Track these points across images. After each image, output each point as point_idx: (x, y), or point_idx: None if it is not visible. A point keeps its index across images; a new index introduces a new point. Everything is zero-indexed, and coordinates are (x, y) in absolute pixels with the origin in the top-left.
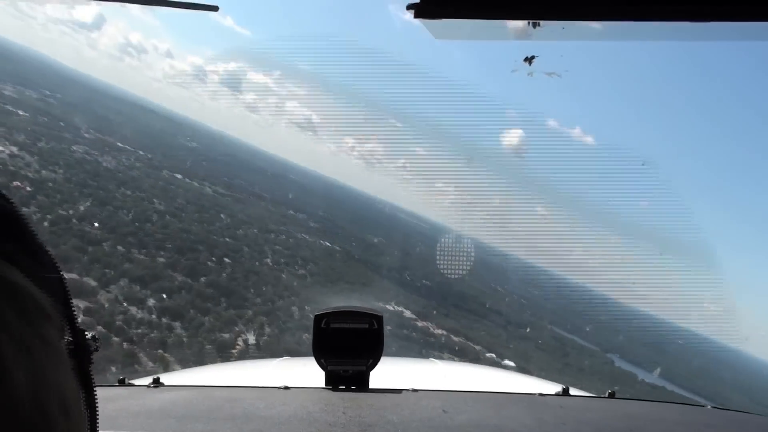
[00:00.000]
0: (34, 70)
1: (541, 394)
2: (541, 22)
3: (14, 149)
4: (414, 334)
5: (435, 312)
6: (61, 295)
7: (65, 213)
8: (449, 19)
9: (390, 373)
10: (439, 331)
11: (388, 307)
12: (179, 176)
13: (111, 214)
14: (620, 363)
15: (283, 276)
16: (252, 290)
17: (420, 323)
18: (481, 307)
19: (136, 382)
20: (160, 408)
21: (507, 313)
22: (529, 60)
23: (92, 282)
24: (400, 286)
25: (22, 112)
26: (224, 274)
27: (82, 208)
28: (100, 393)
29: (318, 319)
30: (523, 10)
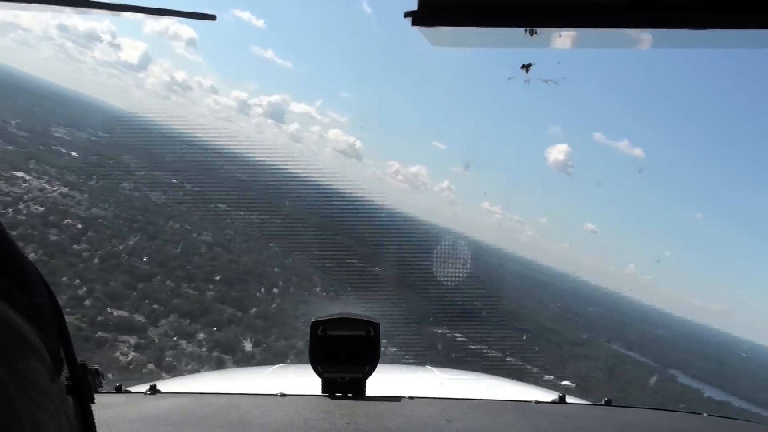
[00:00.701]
0: (85, 112)
1: (537, 402)
2: (538, 30)
3: (65, 189)
4: (467, 357)
5: (488, 334)
6: (53, 324)
7: (115, 248)
8: (447, 27)
9: (387, 380)
10: (494, 353)
11: (440, 331)
12: (227, 207)
13: (160, 248)
14: (683, 379)
15: (334, 305)
16: (302, 320)
17: (473, 346)
18: (536, 327)
19: (133, 389)
20: (157, 415)
21: (562, 332)
22: (526, 67)
23: (142, 318)
24: (451, 309)
25: (73, 153)
26: (274, 305)
27: (131, 243)
28: (97, 400)
29: (314, 326)
30: (520, 17)
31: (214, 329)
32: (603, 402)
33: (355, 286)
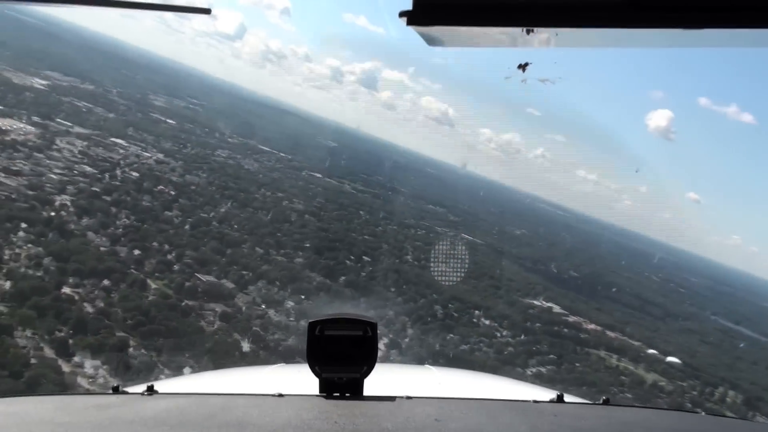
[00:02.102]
0: (183, 81)
1: (535, 401)
2: (535, 29)
3: (161, 155)
4: (566, 330)
5: (586, 306)
6: None
7: (206, 215)
8: (442, 26)
9: (384, 380)
10: (593, 326)
11: (536, 302)
12: (318, 175)
13: (251, 215)
14: None
15: (425, 273)
16: (392, 289)
17: (571, 319)
18: (636, 299)
19: (130, 389)
20: (154, 416)
21: (664, 305)
22: (522, 67)
23: (230, 284)
24: (547, 279)
25: (170, 120)
26: (363, 274)
27: (222, 210)
28: (94, 401)
29: (312, 326)
30: (516, 17)
31: (303, 297)
32: (601, 401)
33: (447, 254)
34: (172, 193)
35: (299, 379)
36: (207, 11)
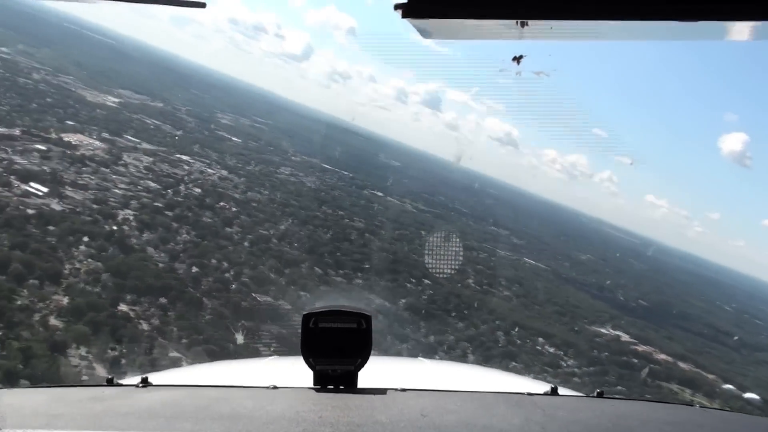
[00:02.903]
0: (249, 100)
1: (529, 394)
2: (529, 22)
3: (224, 172)
4: (635, 360)
5: (656, 335)
6: None
7: (266, 233)
8: (437, 19)
9: (379, 372)
10: (664, 357)
11: (603, 330)
12: (380, 194)
13: (311, 233)
14: None
15: (487, 298)
16: (453, 314)
17: (641, 348)
18: (708, 329)
19: (125, 381)
20: (149, 408)
21: (740, 335)
22: (517, 59)
23: (287, 305)
24: (614, 306)
25: (235, 138)
26: (424, 297)
27: (282, 227)
28: (88, 393)
29: (306, 318)
30: (511, 9)
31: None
32: (595, 394)
33: (510, 279)
34: (234, 209)
35: (293, 372)
36: (202, 5)
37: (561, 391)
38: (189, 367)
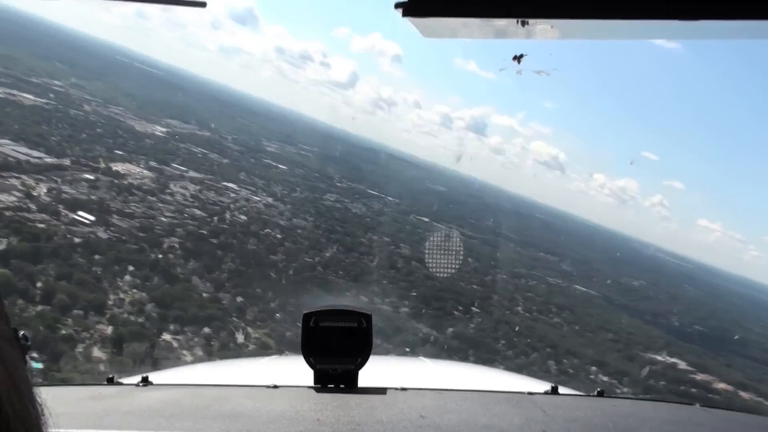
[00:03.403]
0: (295, 128)
1: (530, 393)
2: (530, 21)
3: (270, 199)
4: (693, 390)
5: (715, 362)
6: None
7: (311, 260)
8: (438, 18)
9: (379, 371)
10: (723, 385)
11: (659, 357)
12: (426, 219)
13: (356, 261)
14: None
15: (537, 325)
16: (502, 342)
17: (699, 376)
18: None
19: (125, 380)
20: (149, 407)
21: None
22: (518, 58)
23: None
24: (669, 333)
25: (281, 166)
26: (472, 325)
27: (327, 255)
28: (89, 392)
29: (307, 317)
30: (511, 8)
31: (408, 350)
32: (595, 393)
33: (561, 306)
34: (279, 236)
35: (294, 371)
36: (202, 4)
37: (561, 390)
38: (189, 366)
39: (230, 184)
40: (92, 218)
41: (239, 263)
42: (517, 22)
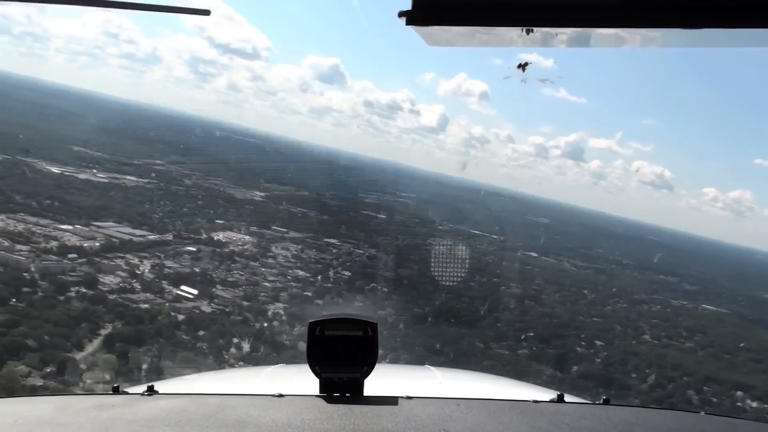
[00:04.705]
0: (391, 177)
1: (535, 401)
2: (534, 29)
3: (372, 250)
4: None
5: None
6: None
7: (420, 311)
8: (441, 26)
9: (385, 380)
10: None
11: None
12: (534, 254)
13: (467, 306)
14: None
15: (668, 353)
16: (633, 375)
17: None
18: None
19: (131, 390)
20: (154, 416)
21: None
22: (522, 66)
23: None
24: None
25: (380, 215)
26: (598, 360)
27: (437, 303)
28: (94, 401)
29: (312, 326)
30: (515, 16)
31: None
32: (601, 401)
33: (690, 329)
34: (385, 289)
35: (299, 380)
36: (206, 12)
37: (567, 398)
38: (194, 375)
39: (332, 240)
40: (195, 292)
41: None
42: (522, 30)
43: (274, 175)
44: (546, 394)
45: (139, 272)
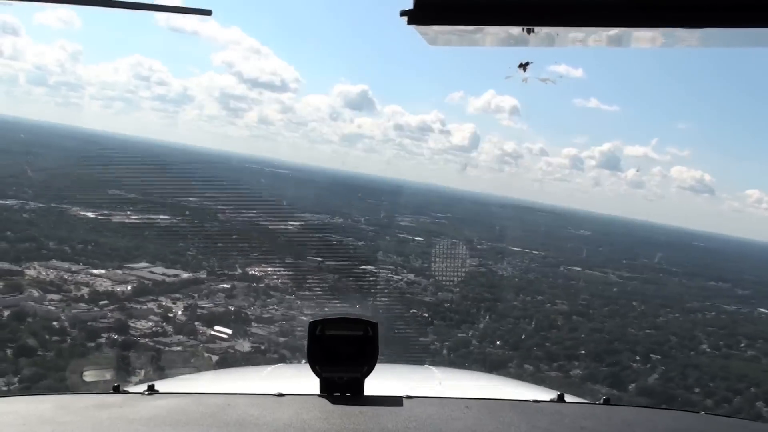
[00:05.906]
0: (426, 198)
1: (536, 401)
2: (536, 29)
3: (411, 276)
4: None
5: None
6: None
7: (464, 335)
8: (443, 26)
9: (385, 380)
10: None
11: None
12: (578, 268)
13: (513, 327)
14: None
15: (731, 363)
16: (696, 390)
17: None
18: None
19: (131, 389)
20: (155, 415)
21: None
22: (523, 66)
23: None
24: None
25: (417, 238)
26: (656, 375)
27: (481, 326)
28: (94, 400)
29: (313, 326)
30: (516, 16)
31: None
32: (602, 401)
33: (751, 336)
34: (426, 315)
35: (300, 379)
36: (208, 12)
37: (568, 398)
38: (195, 374)
39: (369, 267)
40: (229, 331)
41: (385, 351)
42: (523, 29)
43: (309, 204)
44: (546, 394)
45: (171, 315)
